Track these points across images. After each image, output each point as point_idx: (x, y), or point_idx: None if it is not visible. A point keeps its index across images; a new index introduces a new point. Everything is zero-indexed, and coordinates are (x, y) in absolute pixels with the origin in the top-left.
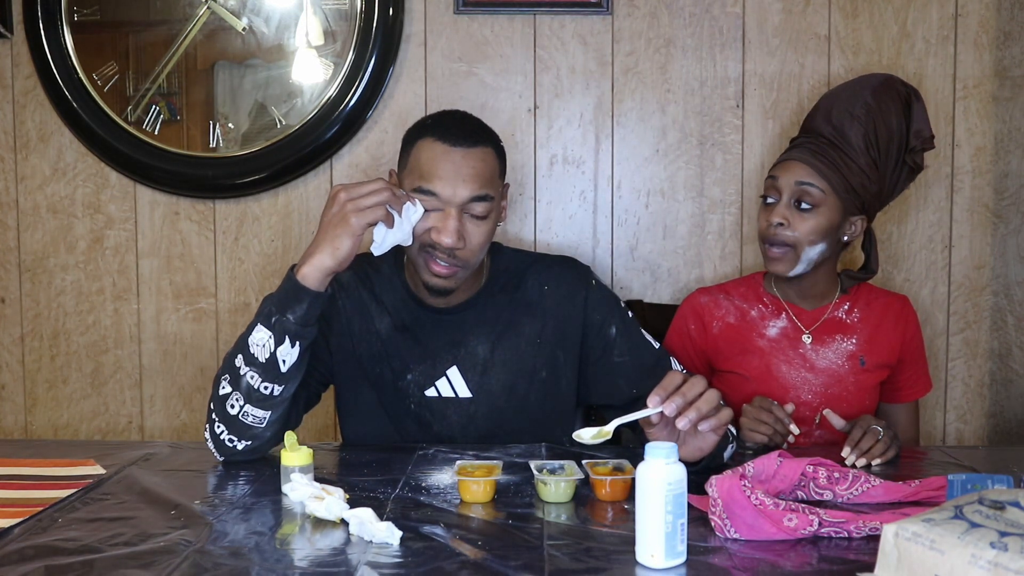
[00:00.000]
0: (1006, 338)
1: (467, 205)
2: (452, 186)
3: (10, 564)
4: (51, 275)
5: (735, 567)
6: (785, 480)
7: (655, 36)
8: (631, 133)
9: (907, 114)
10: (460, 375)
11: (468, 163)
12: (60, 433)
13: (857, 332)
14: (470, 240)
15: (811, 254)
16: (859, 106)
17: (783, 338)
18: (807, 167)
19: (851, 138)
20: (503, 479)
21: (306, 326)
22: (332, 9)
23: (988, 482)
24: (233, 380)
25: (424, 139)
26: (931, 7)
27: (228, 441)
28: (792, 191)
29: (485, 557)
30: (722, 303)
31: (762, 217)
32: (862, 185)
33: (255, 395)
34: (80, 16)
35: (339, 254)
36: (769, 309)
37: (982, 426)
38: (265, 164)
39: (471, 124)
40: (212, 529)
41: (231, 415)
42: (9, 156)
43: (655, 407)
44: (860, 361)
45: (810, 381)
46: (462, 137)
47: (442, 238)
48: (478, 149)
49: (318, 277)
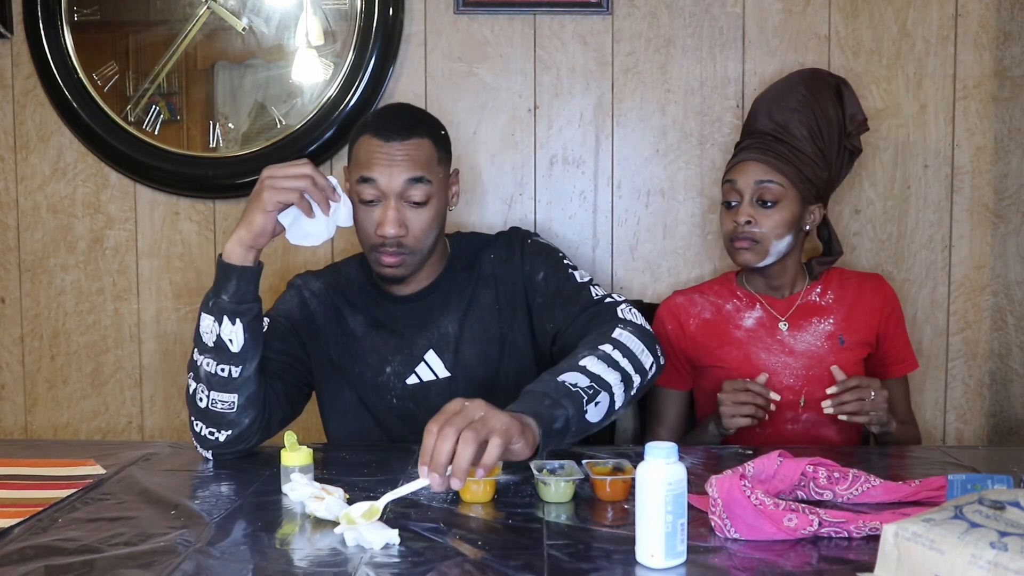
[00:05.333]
0: (1006, 338)
1: (405, 192)
2: (388, 175)
3: (10, 564)
4: (51, 275)
5: (735, 567)
6: (785, 480)
7: (655, 36)
8: (631, 133)
9: (840, 101)
10: (437, 356)
11: (401, 152)
12: (60, 433)
13: (833, 312)
14: (412, 227)
15: (779, 247)
16: (796, 99)
17: (759, 327)
18: (763, 165)
19: (795, 131)
20: (503, 479)
21: (241, 303)
22: (332, 9)
23: (988, 482)
24: (195, 374)
25: (364, 136)
26: (931, 7)
27: (209, 434)
28: (753, 190)
29: (485, 557)
30: (697, 301)
31: (726, 220)
32: (814, 174)
33: (215, 380)
34: (80, 16)
35: (253, 228)
36: (744, 302)
37: (982, 426)
38: (265, 164)
39: (406, 118)
40: (212, 529)
41: (202, 408)
42: (9, 156)
43: (423, 477)
44: (839, 340)
45: (790, 365)
46: (395, 131)
47: (385, 229)
48: (411, 140)
49: (238, 252)
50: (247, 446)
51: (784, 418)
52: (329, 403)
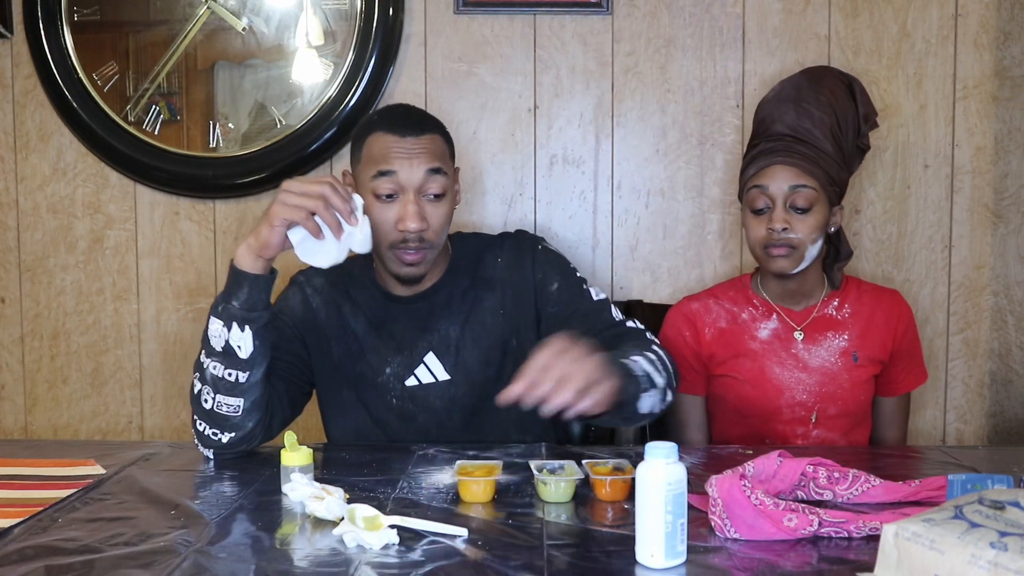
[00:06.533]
0: (1006, 338)
1: (424, 186)
2: (408, 168)
3: (10, 564)
4: (51, 275)
5: (735, 567)
6: (785, 480)
7: (655, 36)
8: (631, 133)
9: (853, 100)
10: (437, 359)
11: (419, 146)
12: (60, 433)
13: (848, 328)
14: (432, 221)
15: (813, 252)
16: (816, 99)
17: (775, 339)
18: (795, 169)
19: (817, 132)
20: (503, 479)
21: (252, 311)
22: (332, 9)
23: (988, 482)
24: (201, 375)
25: (374, 133)
26: (931, 7)
27: (212, 435)
28: (785, 196)
29: (485, 557)
30: (712, 308)
31: (756, 226)
32: (837, 175)
33: (221, 384)
34: (80, 16)
35: (260, 239)
36: (760, 311)
37: (982, 426)
38: (265, 164)
39: (416, 115)
40: (212, 529)
41: (207, 409)
42: (9, 156)
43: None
44: (853, 357)
45: (804, 381)
46: (409, 127)
47: (407, 224)
48: (426, 135)
49: (248, 259)
50: (248, 447)
51: (795, 434)
52: (329, 402)
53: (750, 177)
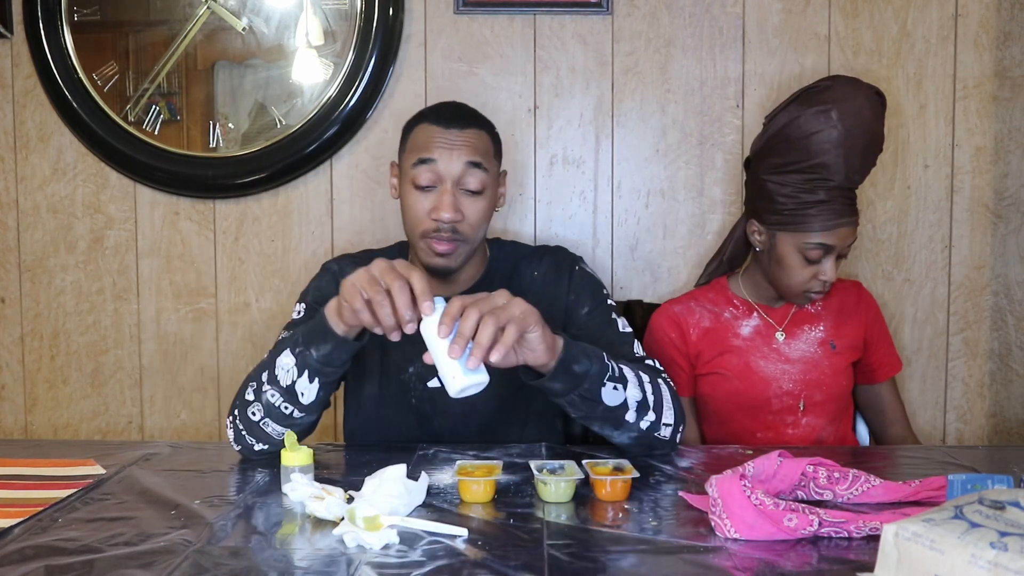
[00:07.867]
0: (1006, 338)
1: (462, 179)
2: (448, 158)
3: (10, 564)
4: (51, 275)
5: (735, 567)
6: (785, 480)
7: (655, 36)
8: (631, 133)
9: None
10: None
11: (461, 139)
12: (60, 433)
13: (823, 320)
14: (468, 214)
15: None
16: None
17: (757, 336)
18: (853, 228)
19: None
20: (503, 479)
21: (328, 366)
22: (332, 9)
23: (988, 482)
24: (257, 392)
25: (421, 124)
26: (931, 7)
27: (249, 441)
28: (840, 250)
29: (485, 557)
30: (695, 309)
31: (803, 272)
32: None
33: (275, 413)
34: (80, 16)
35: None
36: (740, 310)
37: (982, 426)
38: (265, 164)
39: (465, 110)
40: (212, 529)
41: (252, 420)
42: (9, 156)
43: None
44: (831, 345)
45: (788, 371)
46: (454, 120)
47: (441, 213)
48: (471, 130)
49: (339, 324)
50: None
51: (784, 422)
52: (351, 392)
53: (813, 231)
